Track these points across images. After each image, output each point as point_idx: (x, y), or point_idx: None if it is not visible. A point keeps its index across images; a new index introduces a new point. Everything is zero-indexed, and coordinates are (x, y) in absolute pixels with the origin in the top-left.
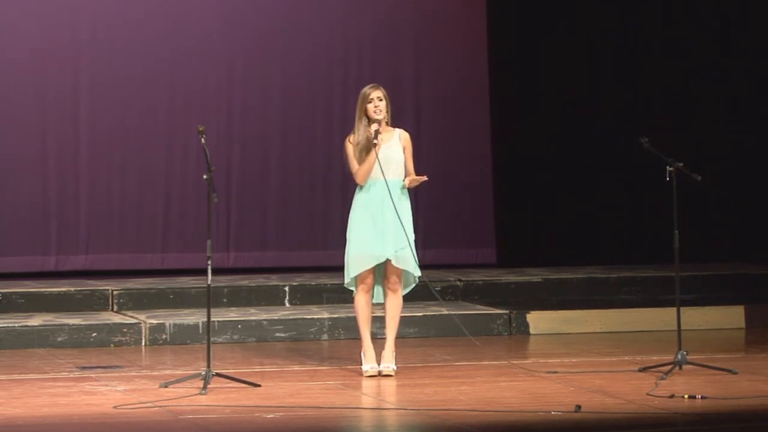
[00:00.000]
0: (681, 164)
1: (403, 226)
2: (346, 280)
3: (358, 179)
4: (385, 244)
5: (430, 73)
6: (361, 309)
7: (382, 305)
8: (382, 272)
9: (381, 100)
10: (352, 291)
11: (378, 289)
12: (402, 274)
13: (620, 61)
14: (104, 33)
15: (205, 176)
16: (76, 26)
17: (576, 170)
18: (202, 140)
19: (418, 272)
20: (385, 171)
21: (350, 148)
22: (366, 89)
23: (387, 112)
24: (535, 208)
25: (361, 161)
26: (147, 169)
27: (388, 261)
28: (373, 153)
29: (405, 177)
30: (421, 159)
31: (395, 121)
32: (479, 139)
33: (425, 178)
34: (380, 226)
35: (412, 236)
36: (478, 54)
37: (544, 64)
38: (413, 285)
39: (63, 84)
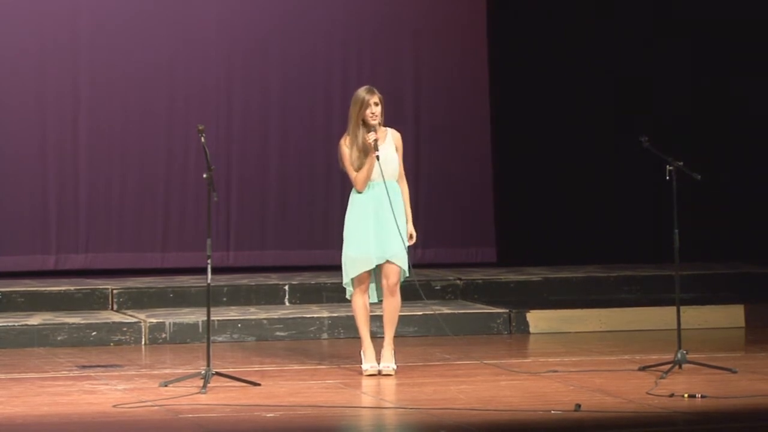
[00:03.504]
0: (681, 163)
1: (399, 228)
2: (344, 280)
3: (357, 186)
4: (384, 246)
5: (429, 73)
6: (359, 309)
7: (379, 304)
8: (379, 273)
9: (377, 105)
10: (348, 289)
11: (373, 289)
12: (400, 273)
13: (621, 60)
14: (104, 33)
15: (205, 175)
16: (76, 26)
17: (576, 169)
18: (202, 139)
19: (407, 273)
20: (384, 174)
21: (346, 152)
22: (363, 94)
23: (382, 115)
24: (535, 207)
25: (358, 167)
26: (147, 168)
27: (386, 262)
28: (371, 161)
29: (397, 178)
30: (421, 158)
31: (394, 122)
32: (479, 138)
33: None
34: (378, 228)
35: (406, 237)
36: (478, 54)
37: (544, 64)
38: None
39: (63, 84)
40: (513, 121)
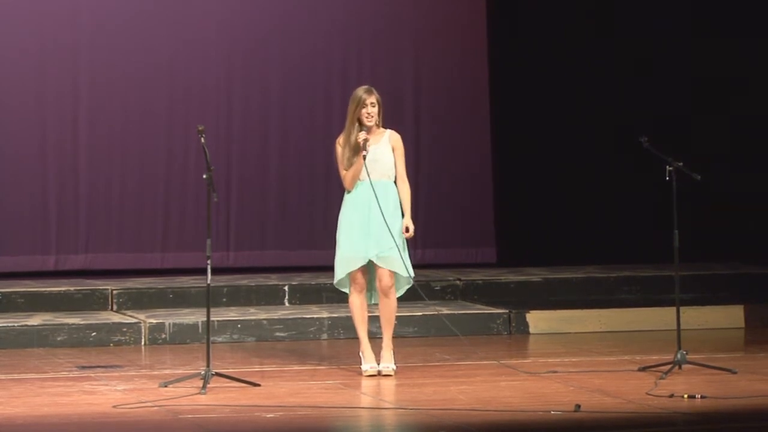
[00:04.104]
0: (681, 164)
1: (388, 227)
2: (335, 280)
3: (345, 184)
4: (370, 245)
5: (429, 73)
6: (356, 309)
7: (377, 306)
8: (374, 273)
9: (374, 105)
10: (345, 292)
11: (372, 291)
12: (394, 275)
13: (620, 60)
14: (104, 33)
15: (204, 176)
16: (76, 26)
17: (576, 170)
18: (202, 140)
19: (405, 273)
20: (371, 173)
21: (339, 150)
22: (360, 93)
23: (379, 115)
24: (535, 207)
25: (348, 165)
26: (147, 168)
27: (377, 265)
28: (359, 161)
29: (395, 179)
30: (421, 159)
31: (394, 121)
32: (479, 138)
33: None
34: (366, 227)
35: (399, 237)
36: (478, 54)
37: (544, 64)
38: (407, 286)
39: (63, 84)
40: (513, 121)
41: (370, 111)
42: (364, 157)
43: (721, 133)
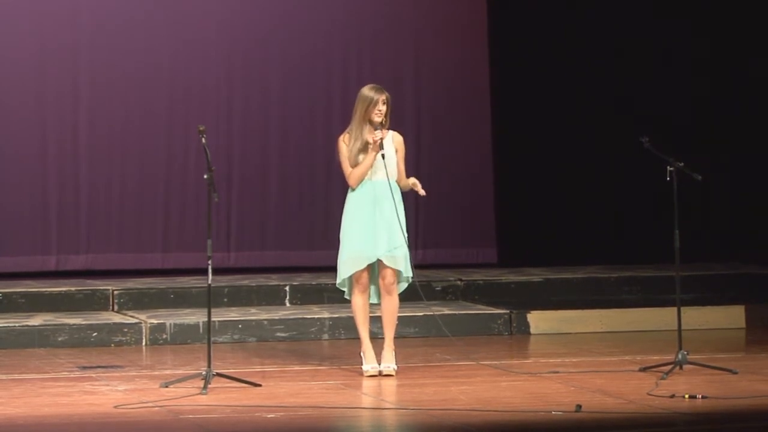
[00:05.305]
0: (681, 164)
1: (401, 225)
2: (338, 281)
3: (351, 182)
4: (377, 244)
5: (430, 73)
6: (358, 309)
7: (378, 305)
8: (376, 272)
9: (384, 104)
10: (344, 291)
11: (373, 290)
12: (397, 273)
13: (621, 59)
14: (104, 33)
15: (205, 176)
16: (76, 26)
17: (577, 170)
18: (203, 140)
19: (409, 273)
20: (379, 170)
21: (343, 148)
22: (370, 92)
23: (386, 116)
24: (536, 208)
25: (355, 163)
26: (147, 169)
27: (381, 262)
28: (368, 158)
29: (397, 179)
30: (421, 159)
31: (394, 121)
32: (480, 138)
33: (423, 192)
34: (372, 226)
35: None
36: (478, 53)
37: (544, 63)
38: (406, 285)
39: (63, 84)
40: (513, 121)
41: (381, 108)
42: (383, 156)
43: (722, 132)
